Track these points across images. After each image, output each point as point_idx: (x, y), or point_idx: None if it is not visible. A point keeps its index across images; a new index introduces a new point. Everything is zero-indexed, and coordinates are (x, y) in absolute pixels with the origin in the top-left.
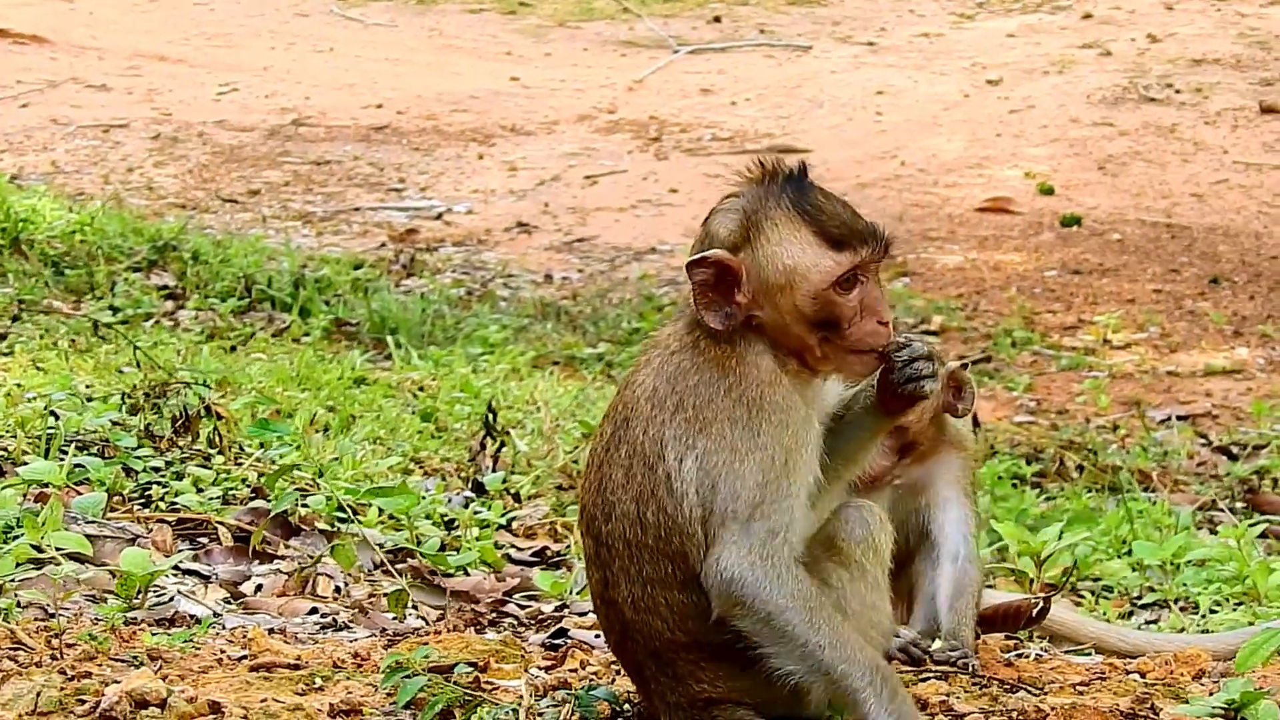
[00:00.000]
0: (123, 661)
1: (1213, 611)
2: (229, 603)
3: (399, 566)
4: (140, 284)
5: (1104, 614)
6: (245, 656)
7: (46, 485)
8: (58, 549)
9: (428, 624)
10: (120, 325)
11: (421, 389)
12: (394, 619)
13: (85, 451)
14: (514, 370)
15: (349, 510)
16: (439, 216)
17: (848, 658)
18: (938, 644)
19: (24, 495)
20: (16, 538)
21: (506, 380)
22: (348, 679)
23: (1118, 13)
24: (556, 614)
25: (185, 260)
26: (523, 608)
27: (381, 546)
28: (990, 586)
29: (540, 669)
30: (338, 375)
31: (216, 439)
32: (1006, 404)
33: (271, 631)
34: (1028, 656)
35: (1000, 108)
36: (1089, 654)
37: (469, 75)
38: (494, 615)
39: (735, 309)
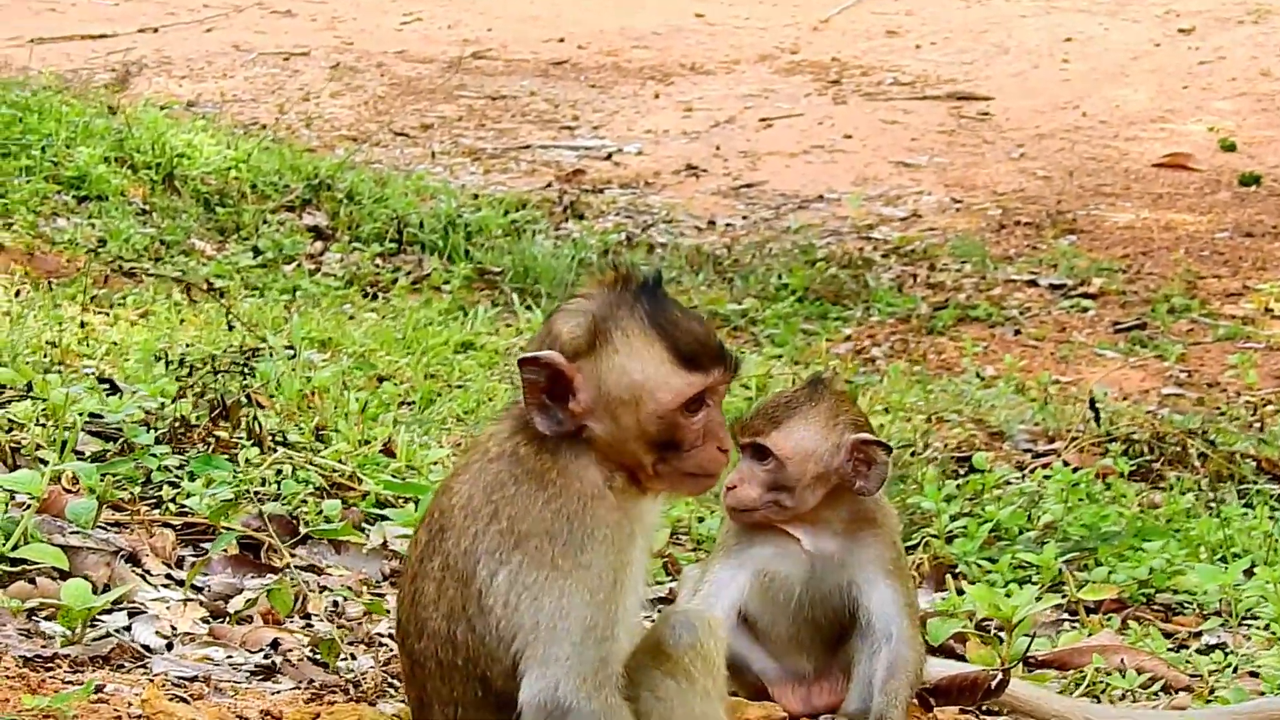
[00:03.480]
0: None
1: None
2: (209, 621)
3: None
4: (291, 224)
5: (1152, 642)
6: (142, 717)
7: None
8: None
9: (375, 671)
10: (259, 269)
11: None
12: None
13: (111, 442)
14: None
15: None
16: (609, 157)
17: None
18: None
19: (5, 505)
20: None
21: None
22: None
23: None
24: None
25: (339, 200)
26: None
27: (396, 555)
28: (961, 657)
29: None
30: (444, 340)
31: (256, 428)
32: (1156, 374)
33: (194, 679)
34: None
35: (1190, 58)
36: None
37: (653, 9)
38: None
39: (566, 416)
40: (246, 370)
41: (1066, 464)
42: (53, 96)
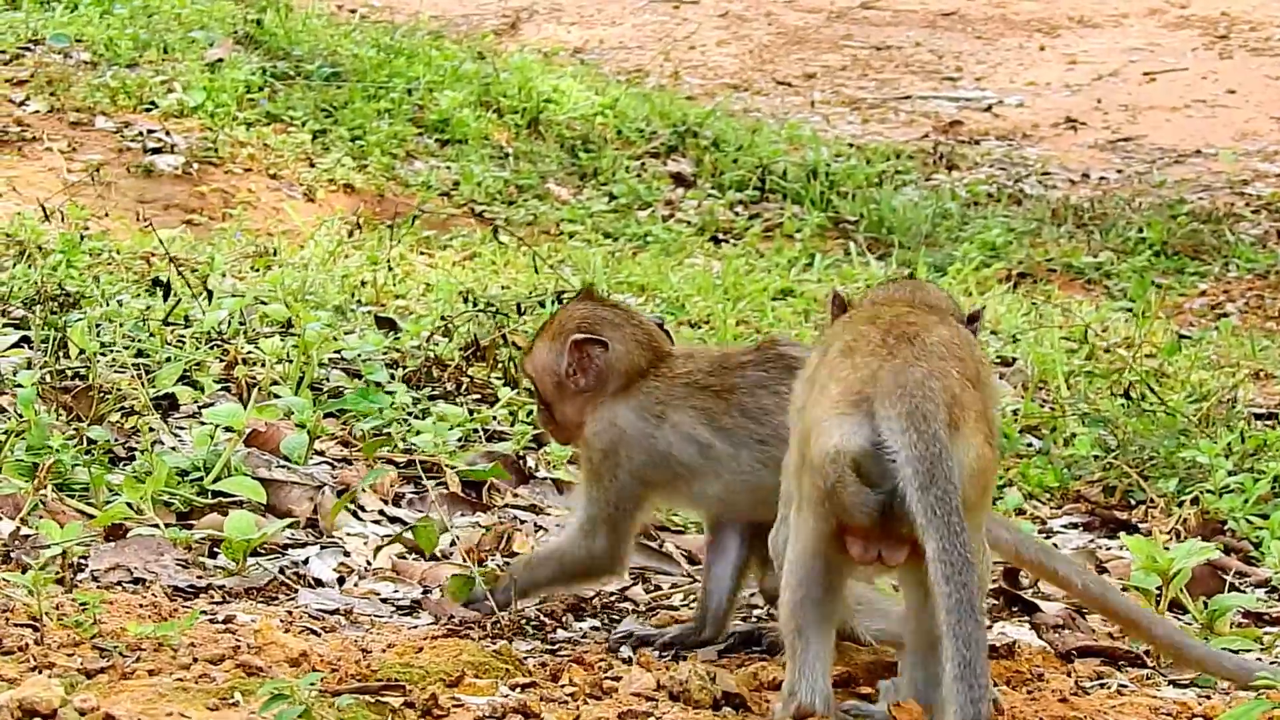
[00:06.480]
0: (102, 650)
1: None
2: (404, 557)
3: None
4: (653, 170)
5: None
6: (255, 648)
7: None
8: (226, 495)
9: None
10: (611, 214)
11: None
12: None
13: (356, 379)
14: (979, 283)
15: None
16: (988, 108)
17: None
18: None
19: (211, 437)
20: (218, 479)
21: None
22: (274, 694)
23: None
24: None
25: (704, 147)
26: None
27: None
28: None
29: (514, 687)
30: (762, 287)
31: (512, 368)
32: None
33: (334, 613)
34: (1108, 688)
35: None
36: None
37: None
38: (617, 597)
39: None
40: (514, 311)
41: None
42: (426, 41)
